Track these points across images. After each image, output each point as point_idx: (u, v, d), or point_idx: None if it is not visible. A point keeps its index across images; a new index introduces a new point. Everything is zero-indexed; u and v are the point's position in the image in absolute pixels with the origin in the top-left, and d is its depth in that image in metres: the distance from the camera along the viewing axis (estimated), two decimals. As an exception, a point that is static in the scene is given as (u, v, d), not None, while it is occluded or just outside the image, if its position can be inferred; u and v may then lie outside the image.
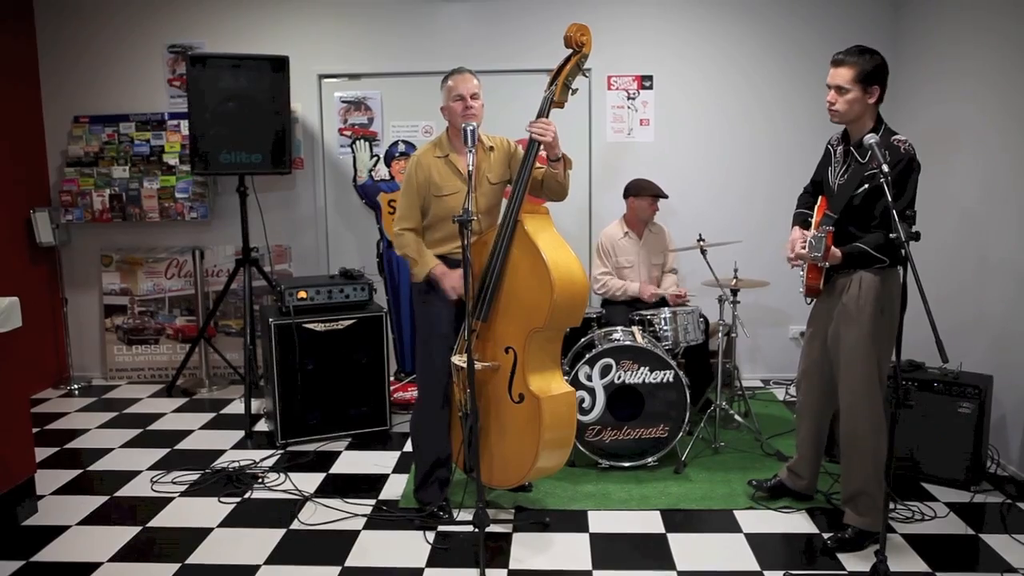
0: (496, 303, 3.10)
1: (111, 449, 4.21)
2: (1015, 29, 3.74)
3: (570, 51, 3.06)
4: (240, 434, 4.40)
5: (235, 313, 5.51)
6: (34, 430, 4.17)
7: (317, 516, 3.37)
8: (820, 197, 3.19)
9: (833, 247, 2.88)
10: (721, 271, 4.23)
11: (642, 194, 4.53)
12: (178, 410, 4.91)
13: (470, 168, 2.86)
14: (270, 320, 4.11)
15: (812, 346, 3.23)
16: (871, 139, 2.73)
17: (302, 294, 4.21)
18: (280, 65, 4.75)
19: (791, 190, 3.53)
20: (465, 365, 2.89)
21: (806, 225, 3.17)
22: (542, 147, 3.05)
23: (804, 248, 2.86)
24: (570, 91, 3.08)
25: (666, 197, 4.58)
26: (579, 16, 4.70)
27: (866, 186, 2.90)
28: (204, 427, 4.57)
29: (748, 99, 5.21)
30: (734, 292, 4.22)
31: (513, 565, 2.94)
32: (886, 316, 2.94)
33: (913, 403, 3.60)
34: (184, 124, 5.23)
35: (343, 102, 5.33)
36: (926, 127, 4.54)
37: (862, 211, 2.93)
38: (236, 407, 4.92)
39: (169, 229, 5.47)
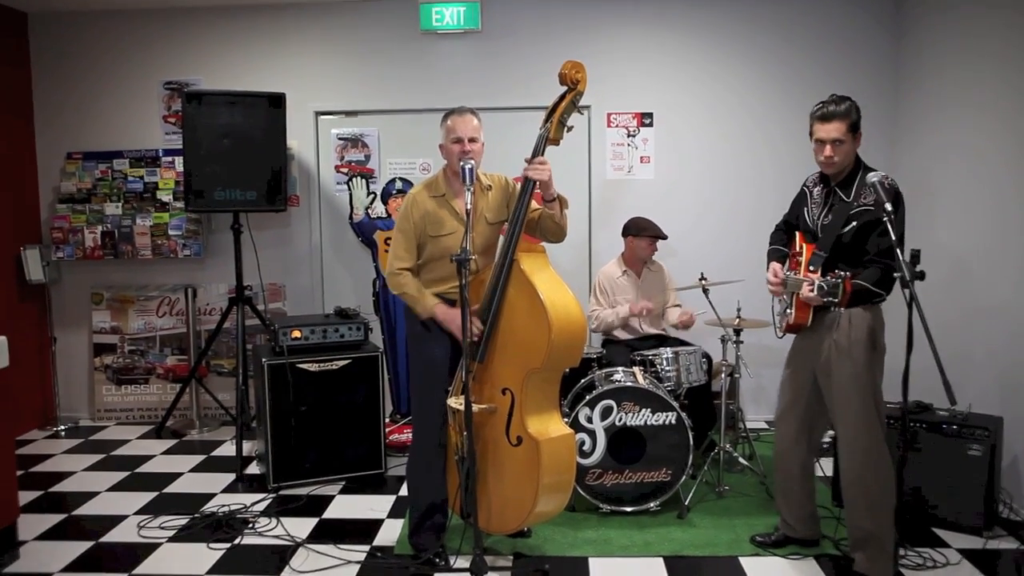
0: (493, 344, 3.11)
1: (97, 492, 4.18)
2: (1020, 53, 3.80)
3: (565, 88, 3.11)
4: (231, 477, 4.38)
5: (227, 352, 5.51)
6: (18, 473, 4.14)
7: (309, 563, 3.34)
8: (796, 235, 3.27)
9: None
10: (724, 310, 4.24)
11: (641, 235, 4.57)
12: (167, 452, 4.88)
13: (468, 207, 2.89)
14: (263, 360, 4.12)
15: (791, 385, 3.26)
16: (874, 177, 2.81)
17: (296, 333, 4.22)
18: (277, 102, 4.82)
19: (794, 228, 3.56)
20: (461, 407, 2.89)
21: (783, 261, 3.26)
22: (538, 186, 3.08)
23: (812, 292, 2.88)
24: (565, 128, 3.12)
25: (665, 238, 4.61)
26: (577, 53, 4.80)
27: (854, 223, 2.99)
28: (194, 470, 4.54)
29: (751, 135, 5.28)
30: (737, 332, 4.23)
31: (511, 615, 2.91)
32: (878, 350, 3.01)
33: (921, 446, 3.59)
34: (179, 161, 5.29)
35: (340, 139, 5.40)
36: (930, 153, 4.59)
37: (852, 248, 3.00)
38: (227, 449, 4.89)
39: (161, 267, 5.50)
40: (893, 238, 2.63)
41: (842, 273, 2.80)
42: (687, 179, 5.32)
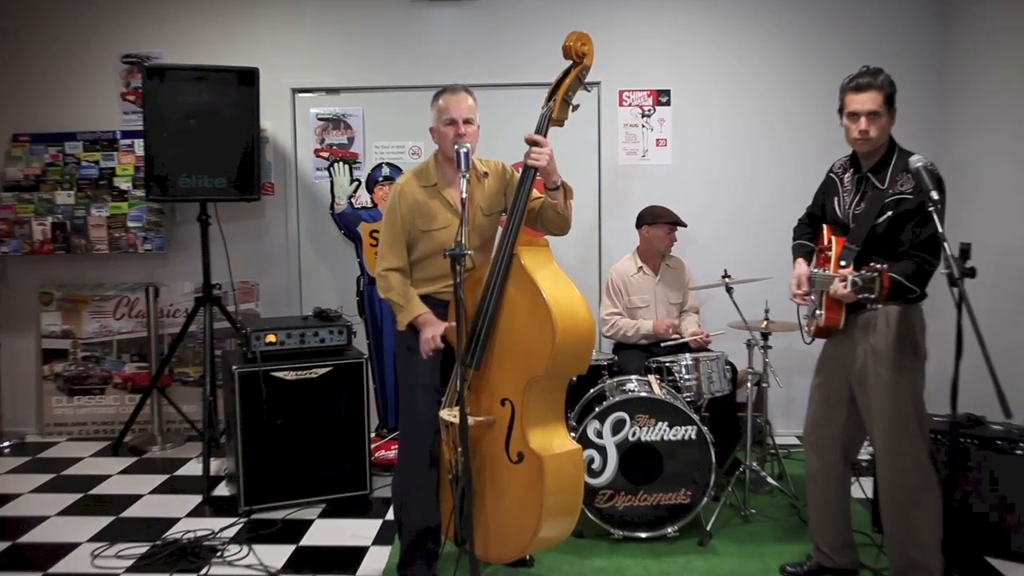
0: (490, 349, 3.11)
1: (46, 517, 4.18)
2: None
3: (570, 62, 3.11)
4: (197, 499, 4.38)
5: (193, 359, 5.51)
6: (-42, 495, 4.15)
7: (284, 595, 3.34)
8: (823, 228, 3.27)
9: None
10: (750, 312, 4.24)
11: (657, 222, 4.57)
12: (125, 471, 4.88)
13: (463, 195, 2.89)
14: (233, 367, 4.12)
15: (822, 396, 3.26)
16: (918, 162, 2.79)
17: (271, 338, 4.22)
18: (249, 78, 4.82)
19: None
20: (455, 420, 2.88)
21: (810, 257, 3.27)
22: (539, 172, 3.08)
23: (845, 288, 2.86)
24: (570, 107, 3.12)
25: (684, 226, 4.61)
26: (586, 23, 4.78)
27: (889, 213, 2.99)
28: (155, 491, 4.54)
29: (779, 117, 5.29)
30: (765, 336, 4.23)
31: (511, 653, 2.91)
32: (919, 355, 3.02)
33: (972, 464, 3.58)
34: (139, 144, 5.29)
35: (320, 119, 5.40)
36: (976, 148, 4.58)
37: (886, 240, 3.01)
38: (193, 468, 4.89)
39: (119, 263, 5.50)
40: (940, 229, 2.62)
41: (878, 266, 2.78)
42: (709, 164, 5.32)
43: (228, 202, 5.04)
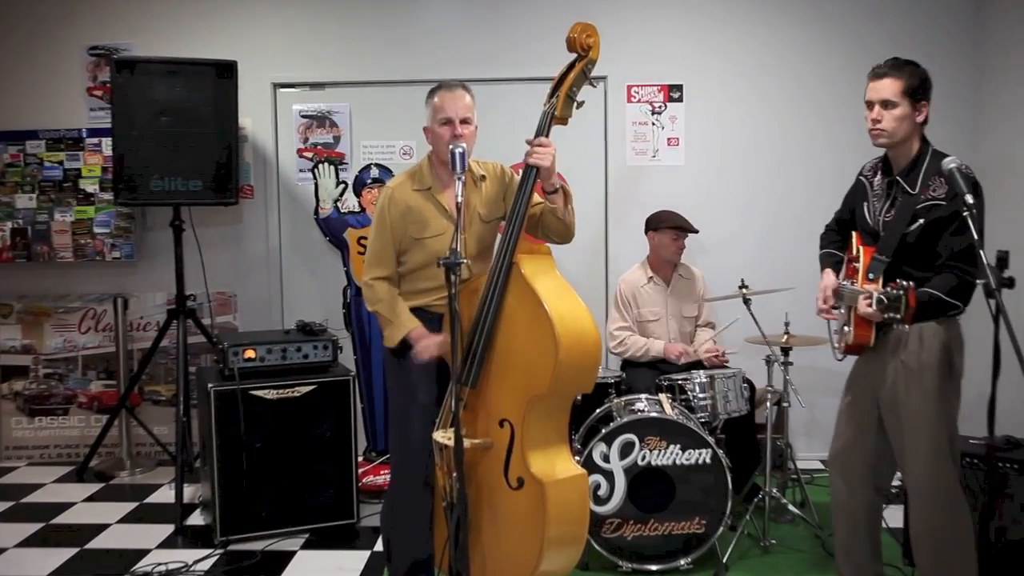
0: (487, 365, 3.12)
1: (4, 549, 4.19)
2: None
3: (574, 56, 3.13)
4: (169, 529, 4.39)
5: (165, 377, 5.52)
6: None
7: (264, 633, 3.35)
8: (852, 235, 3.28)
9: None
10: (769, 325, 4.26)
11: (661, 227, 4.60)
12: (91, 499, 4.90)
13: (459, 199, 2.90)
14: (209, 385, 4.13)
15: (850, 417, 3.26)
16: (951, 163, 2.79)
17: (250, 353, 4.23)
18: (226, 71, 4.84)
19: (853, 225, 3.58)
20: (450, 442, 2.90)
21: (839, 268, 3.27)
22: (539, 174, 3.09)
23: (870, 306, 2.85)
24: (575, 104, 3.12)
25: (694, 231, 4.64)
26: (591, 13, 4.79)
27: (921, 221, 2.97)
28: (124, 520, 4.55)
29: (803, 114, 5.31)
30: (785, 351, 4.25)
31: None
32: (954, 374, 3.00)
33: (1012, 490, 3.58)
34: (106, 143, 5.31)
35: (303, 117, 5.43)
36: (1014, 143, 4.61)
37: (918, 250, 3.00)
38: (165, 495, 4.90)
39: (85, 272, 5.51)
40: (975, 236, 2.63)
41: (904, 283, 2.74)
42: (725, 165, 5.35)
43: (204, 206, 5.06)
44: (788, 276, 4.92)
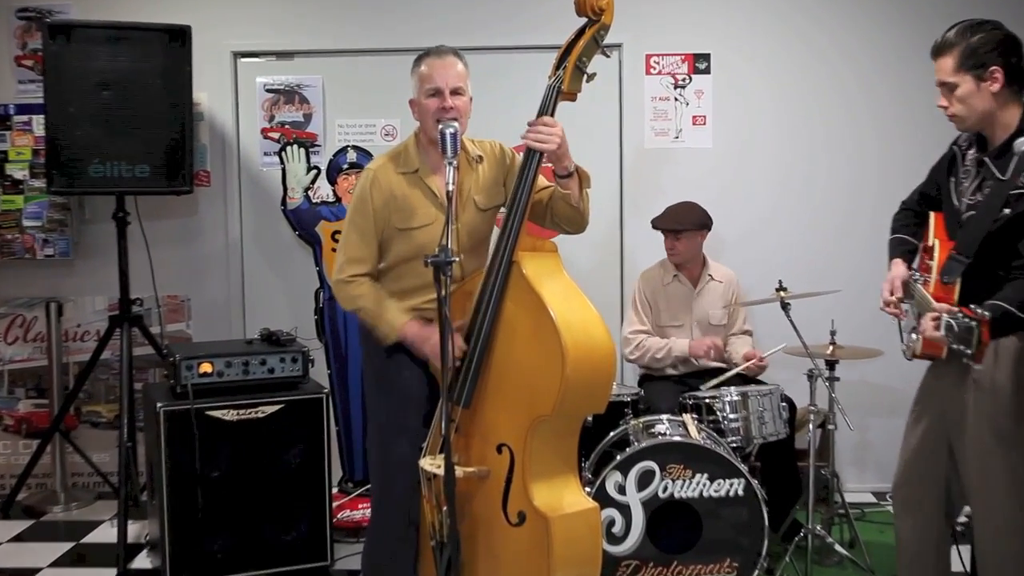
0: (483, 381, 3.12)
1: (-81, 596, 4.19)
2: None
3: (584, 21, 3.13)
4: (111, 574, 4.38)
5: (107, 395, 5.52)
6: None
7: None
8: (931, 217, 3.20)
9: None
10: (811, 334, 4.26)
11: (658, 226, 4.65)
12: (19, 538, 4.89)
13: (450, 186, 2.90)
14: (158, 405, 4.12)
15: (918, 433, 3.22)
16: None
17: (205, 367, 4.22)
18: (178, 38, 4.82)
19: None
20: (440, 471, 2.89)
21: (911, 258, 3.21)
22: (546, 157, 3.09)
23: (938, 331, 2.78)
24: (584, 77, 3.12)
25: (677, 231, 4.63)
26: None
27: (1007, 211, 2.86)
28: (57, 563, 4.54)
29: (850, 88, 5.31)
30: (831, 364, 4.24)
31: None
32: None
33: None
34: (38, 121, 5.29)
35: (269, 91, 5.43)
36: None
37: (1000, 248, 2.90)
38: (106, 533, 4.90)
39: (12, 272, 5.50)
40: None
41: (981, 312, 2.63)
42: (759, 147, 5.35)
43: (152, 195, 5.05)
44: (833, 276, 4.93)
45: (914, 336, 3.07)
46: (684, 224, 4.61)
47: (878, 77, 5.28)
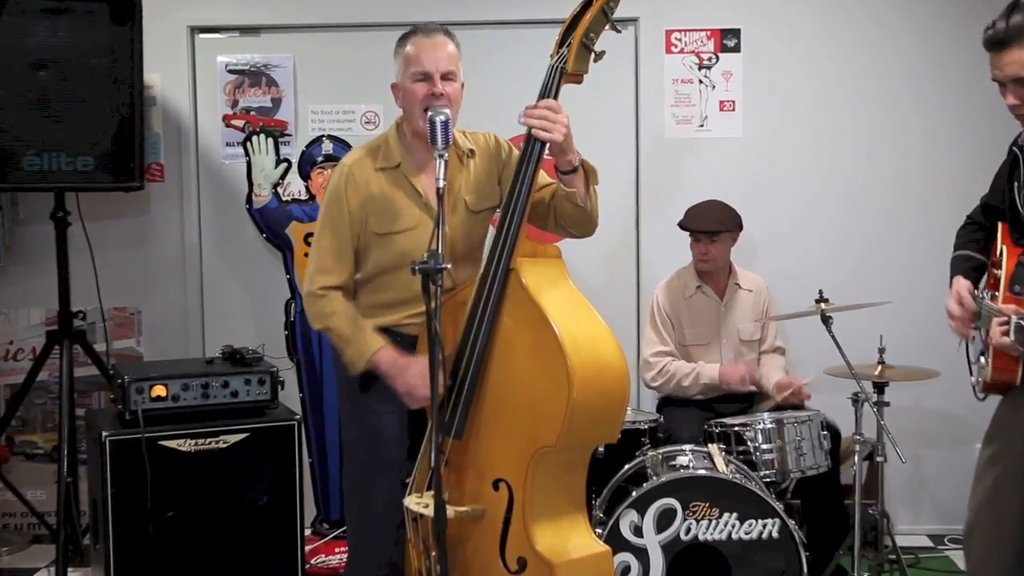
0: (477, 407, 3.12)
1: None
2: None
3: (591, -10, 3.14)
4: (49, 628, 4.39)
5: (44, 422, 5.53)
6: None
7: None
8: (999, 228, 3.19)
9: None
10: (857, 353, 4.27)
11: (689, 227, 4.65)
12: (-56, 587, 4.90)
13: (440, 182, 2.91)
14: (103, 434, 4.12)
15: (994, 473, 3.22)
16: None
17: (159, 390, 4.23)
18: (126, 11, 4.81)
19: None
20: (427, 511, 2.91)
21: (977, 276, 3.19)
22: (547, 148, 3.10)
23: (1006, 335, 2.80)
24: (592, 56, 3.13)
25: (711, 233, 4.65)
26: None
27: None
28: (-13, 617, 4.56)
29: (898, 69, 5.33)
30: (879, 387, 4.25)
31: None
32: None
33: None
34: (-35, 107, 5.32)
35: (232, 72, 5.45)
36: None
37: None
38: (42, 582, 4.91)
39: (-63, 281, 5.53)
40: None
41: None
42: (795, 137, 5.37)
43: (96, 191, 5.05)
44: (882, 286, 4.94)
45: (983, 360, 3.07)
46: (723, 224, 4.63)
47: (932, 57, 5.30)
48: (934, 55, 5.30)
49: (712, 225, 4.62)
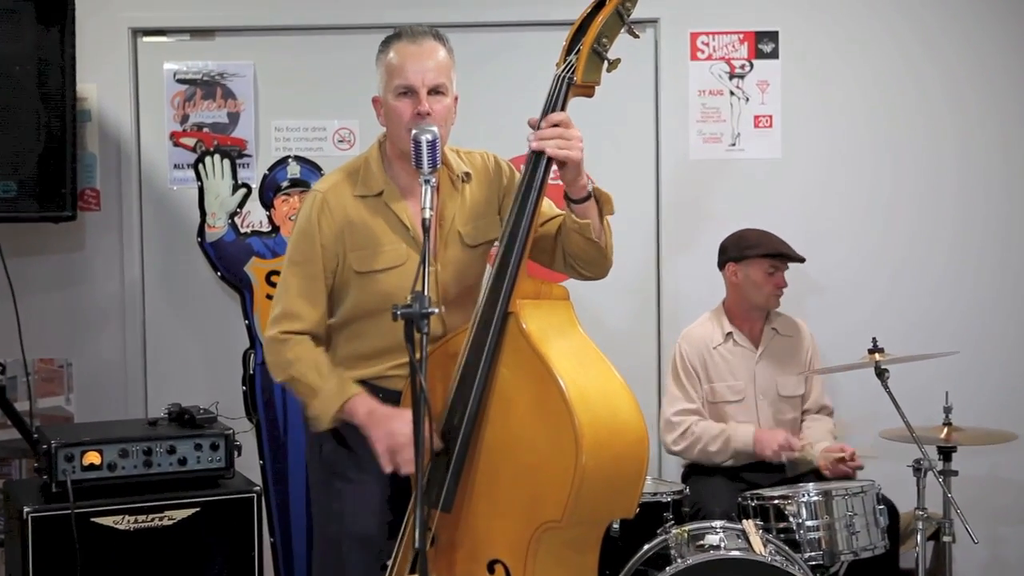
0: (469, 476, 3.13)
1: None
2: None
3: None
4: None
5: (-43, 494, 5.54)
6: None
7: None
8: None
9: None
10: (918, 412, 4.28)
11: (748, 255, 4.63)
12: None
13: (427, 214, 2.92)
14: (25, 510, 4.12)
15: None
16: None
17: (92, 457, 4.23)
18: (56, 11, 4.86)
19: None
20: (411, 598, 2.92)
21: None
22: (555, 172, 3.11)
23: None
24: (605, 64, 3.14)
25: (800, 260, 4.67)
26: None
27: None
28: None
29: (971, 76, 5.35)
30: (946, 453, 4.25)
31: None
32: None
33: None
34: None
35: (181, 82, 5.48)
36: None
37: None
38: None
39: None
40: None
41: None
42: (843, 159, 5.40)
43: (20, 222, 5.07)
44: (946, 334, 4.95)
45: None
46: (790, 252, 4.64)
47: (1004, 64, 5.35)
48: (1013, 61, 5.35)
49: (790, 251, 4.64)
